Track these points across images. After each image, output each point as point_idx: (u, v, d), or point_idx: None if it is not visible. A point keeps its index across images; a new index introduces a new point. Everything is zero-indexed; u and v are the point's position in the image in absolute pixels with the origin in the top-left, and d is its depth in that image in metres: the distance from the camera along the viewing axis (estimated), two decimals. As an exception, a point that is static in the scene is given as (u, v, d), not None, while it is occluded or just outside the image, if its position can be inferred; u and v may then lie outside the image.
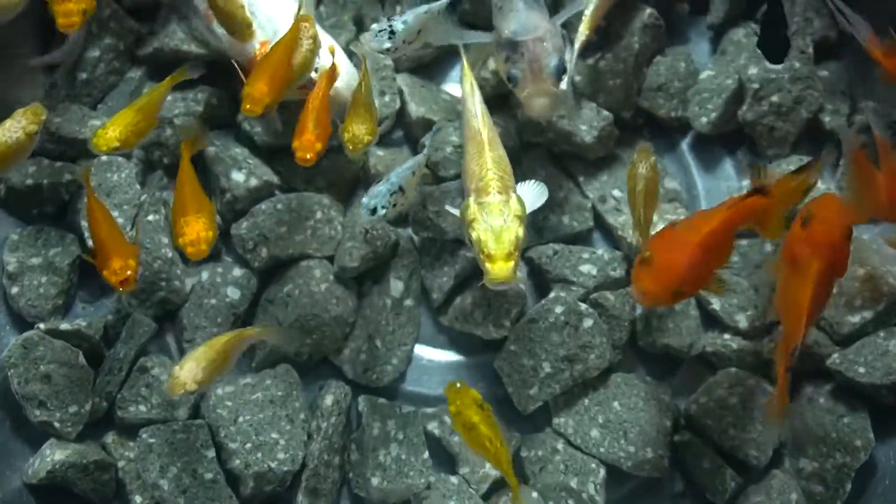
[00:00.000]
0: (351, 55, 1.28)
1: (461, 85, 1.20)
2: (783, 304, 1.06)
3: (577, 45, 1.26)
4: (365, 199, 1.09)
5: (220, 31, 1.21)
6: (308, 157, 1.07)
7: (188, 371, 1.04)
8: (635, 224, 1.17)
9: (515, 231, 1.03)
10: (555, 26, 1.16)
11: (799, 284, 1.02)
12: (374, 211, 1.08)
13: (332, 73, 1.15)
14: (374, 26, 1.12)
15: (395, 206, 1.09)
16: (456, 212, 1.12)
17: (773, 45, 1.30)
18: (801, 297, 1.02)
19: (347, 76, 1.24)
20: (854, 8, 1.20)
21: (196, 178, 1.13)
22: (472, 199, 1.07)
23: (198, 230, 1.07)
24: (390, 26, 1.11)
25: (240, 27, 1.17)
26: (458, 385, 1.06)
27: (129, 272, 1.07)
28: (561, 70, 1.13)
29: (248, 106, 1.05)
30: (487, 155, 1.10)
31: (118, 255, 1.07)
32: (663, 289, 0.99)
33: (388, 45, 1.12)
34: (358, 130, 1.09)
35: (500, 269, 1.02)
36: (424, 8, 1.14)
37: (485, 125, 1.14)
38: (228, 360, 1.10)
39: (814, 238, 1.03)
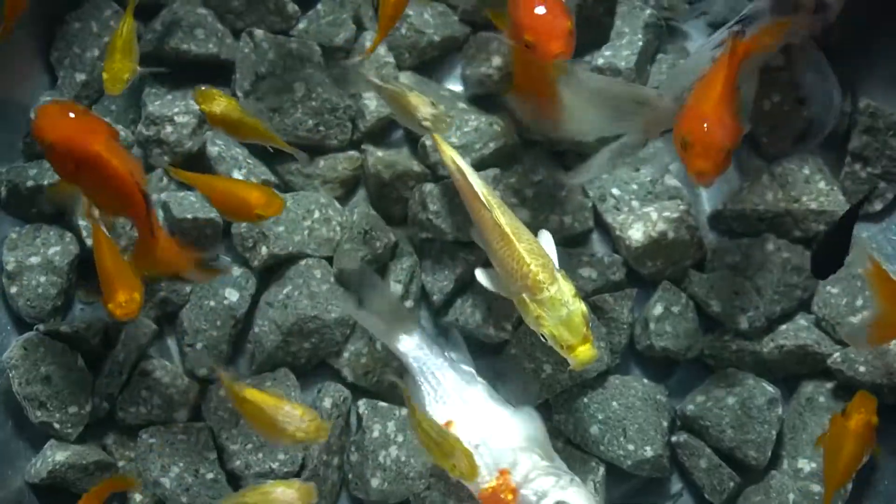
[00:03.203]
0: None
1: (448, 167, 1.17)
2: None
3: None
4: None
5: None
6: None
7: None
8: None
9: (580, 311, 1.03)
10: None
11: None
12: None
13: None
14: None
15: None
16: (486, 283, 1.14)
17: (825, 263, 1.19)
18: None
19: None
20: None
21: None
22: (525, 297, 1.05)
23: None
24: None
25: (470, 469, 1.08)
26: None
27: (133, 306, 1.06)
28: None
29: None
30: (519, 248, 1.07)
31: (124, 288, 1.07)
32: (715, 164, 0.99)
33: None
34: None
35: (583, 354, 1.02)
36: None
37: (499, 211, 1.10)
38: None
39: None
